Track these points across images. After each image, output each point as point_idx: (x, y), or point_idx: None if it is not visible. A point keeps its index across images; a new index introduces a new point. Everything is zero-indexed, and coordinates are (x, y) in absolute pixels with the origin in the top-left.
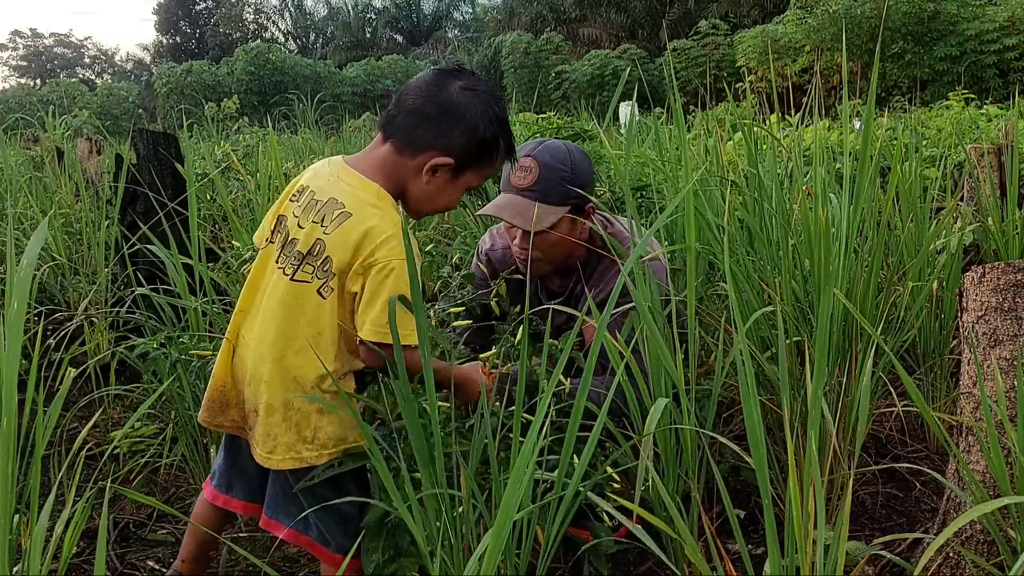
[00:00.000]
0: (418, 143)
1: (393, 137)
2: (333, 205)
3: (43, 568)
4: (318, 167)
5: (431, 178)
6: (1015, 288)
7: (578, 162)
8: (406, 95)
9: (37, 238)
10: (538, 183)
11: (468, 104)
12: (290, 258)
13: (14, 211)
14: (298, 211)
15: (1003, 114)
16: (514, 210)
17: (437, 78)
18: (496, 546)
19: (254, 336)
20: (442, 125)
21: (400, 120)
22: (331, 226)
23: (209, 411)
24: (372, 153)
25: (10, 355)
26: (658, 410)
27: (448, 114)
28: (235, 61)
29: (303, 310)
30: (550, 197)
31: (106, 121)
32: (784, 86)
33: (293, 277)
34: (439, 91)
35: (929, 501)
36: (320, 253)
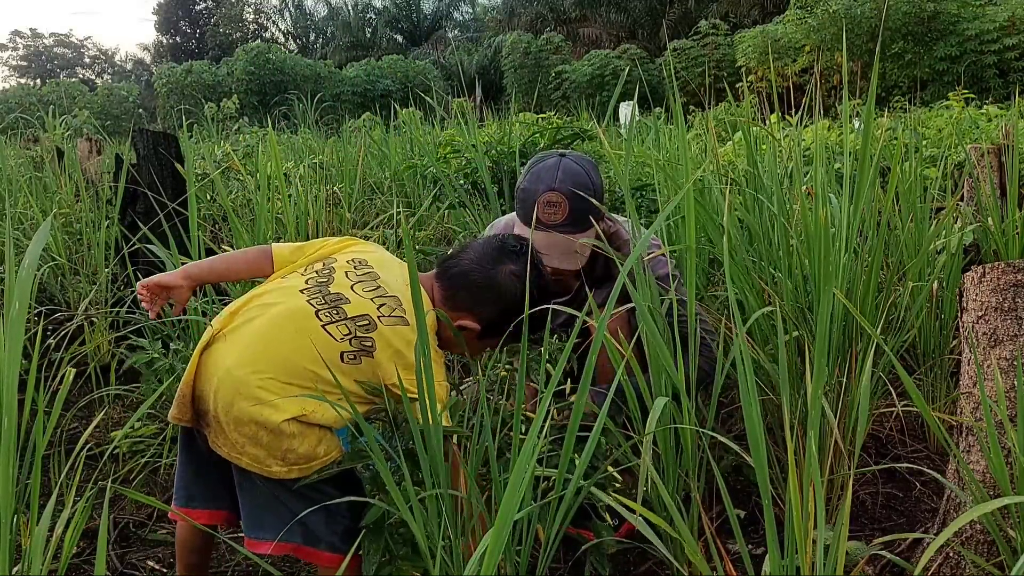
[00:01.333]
0: (457, 303)
1: (443, 283)
2: (397, 303)
3: (43, 568)
4: (388, 261)
5: (451, 330)
6: (1015, 288)
7: (595, 180)
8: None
9: (40, 238)
10: (569, 216)
11: (511, 290)
12: (328, 307)
13: (14, 211)
14: (353, 275)
15: (1003, 114)
16: (557, 251)
17: (496, 254)
18: (496, 546)
19: (244, 346)
20: (481, 296)
21: (453, 273)
22: (390, 319)
23: (177, 406)
24: (435, 286)
25: (10, 355)
26: (658, 410)
27: (490, 290)
28: (235, 61)
29: (317, 357)
30: (581, 225)
31: (106, 121)
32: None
33: (325, 326)
34: (492, 267)
35: (929, 501)
36: (366, 327)
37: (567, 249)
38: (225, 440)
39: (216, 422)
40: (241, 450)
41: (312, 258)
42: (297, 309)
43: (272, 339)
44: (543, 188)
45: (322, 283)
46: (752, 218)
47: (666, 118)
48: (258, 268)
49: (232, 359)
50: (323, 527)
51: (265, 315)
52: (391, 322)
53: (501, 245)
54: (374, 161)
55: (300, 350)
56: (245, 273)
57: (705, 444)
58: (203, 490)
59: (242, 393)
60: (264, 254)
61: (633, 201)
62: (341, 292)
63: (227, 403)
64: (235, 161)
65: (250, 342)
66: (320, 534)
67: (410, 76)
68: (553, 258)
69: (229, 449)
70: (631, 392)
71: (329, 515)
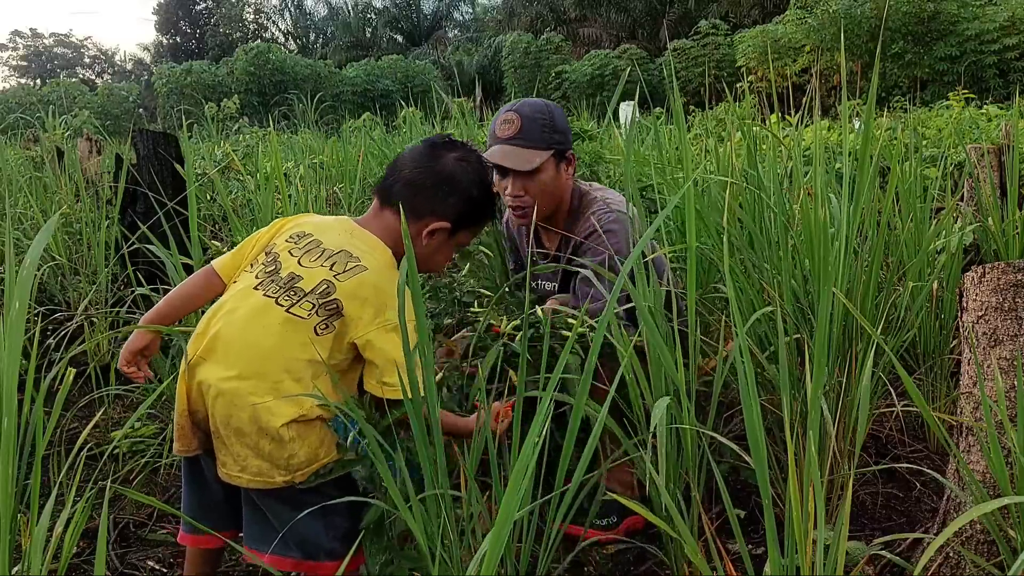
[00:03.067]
0: (417, 211)
1: (392, 205)
2: (347, 256)
3: (43, 568)
4: (324, 222)
5: (429, 240)
6: (1015, 288)
7: (556, 112)
8: (402, 167)
9: (41, 237)
10: (520, 132)
11: (462, 173)
12: (284, 291)
13: (14, 211)
14: (296, 251)
15: (1003, 114)
16: (502, 154)
17: (431, 151)
18: (496, 546)
19: (223, 357)
20: (439, 194)
21: (398, 190)
22: (345, 275)
23: (178, 439)
24: (376, 219)
25: (10, 355)
26: (659, 410)
27: (444, 183)
28: (235, 61)
29: (294, 342)
30: (533, 142)
31: (106, 121)
32: (784, 86)
33: (289, 310)
34: (435, 163)
35: (929, 501)
36: (327, 294)
37: (512, 154)
38: (228, 455)
39: (217, 438)
40: (244, 464)
41: (253, 253)
42: (257, 306)
43: (246, 343)
44: (503, 111)
45: (271, 272)
46: (752, 218)
47: (666, 118)
48: (210, 289)
49: (217, 374)
50: (323, 537)
51: (231, 323)
52: (348, 276)
53: (430, 142)
54: (374, 161)
55: (276, 344)
56: (201, 299)
57: (705, 444)
58: (211, 514)
59: (236, 404)
60: (207, 273)
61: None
62: (292, 271)
63: (225, 416)
64: (235, 161)
65: (227, 352)
66: (320, 544)
67: (410, 76)
68: (495, 157)
69: (232, 465)
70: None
71: (327, 522)
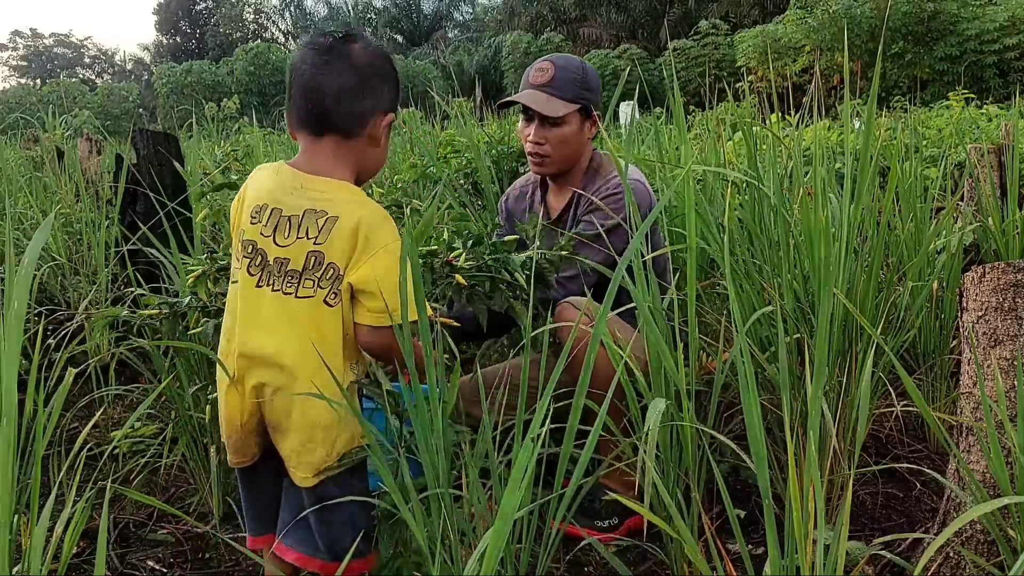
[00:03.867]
0: (361, 117)
1: (331, 128)
2: (312, 215)
3: (43, 568)
4: (265, 182)
5: (380, 140)
6: (1015, 288)
7: (589, 71)
8: (317, 86)
9: (40, 237)
10: (553, 81)
11: (376, 58)
12: (283, 278)
13: (14, 211)
14: (266, 230)
15: (1003, 114)
16: (532, 99)
17: (335, 54)
18: (496, 544)
19: (266, 363)
20: (372, 88)
21: (331, 107)
22: (322, 235)
23: (234, 452)
24: (319, 152)
25: (10, 355)
26: (658, 409)
27: (371, 77)
28: (235, 61)
29: (315, 323)
30: (563, 93)
31: (106, 121)
32: (784, 86)
33: (297, 295)
34: (349, 62)
35: (929, 501)
36: (320, 264)
37: (541, 99)
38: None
39: (283, 432)
40: (306, 458)
41: (235, 237)
42: (269, 302)
43: (277, 343)
44: (539, 60)
45: (260, 264)
46: (752, 218)
47: (666, 118)
48: None
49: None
50: (348, 536)
51: (256, 327)
52: (326, 234)
53: (324, 48)
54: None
55: (301, 333)
56: None
57: (705, 444)
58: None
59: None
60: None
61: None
62: (276, 256)
63: (278, 420)
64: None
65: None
66: (347, 543)
67: (410, 76)
68: (524, 98)
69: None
70: (627, 385)
71: (352, 522)
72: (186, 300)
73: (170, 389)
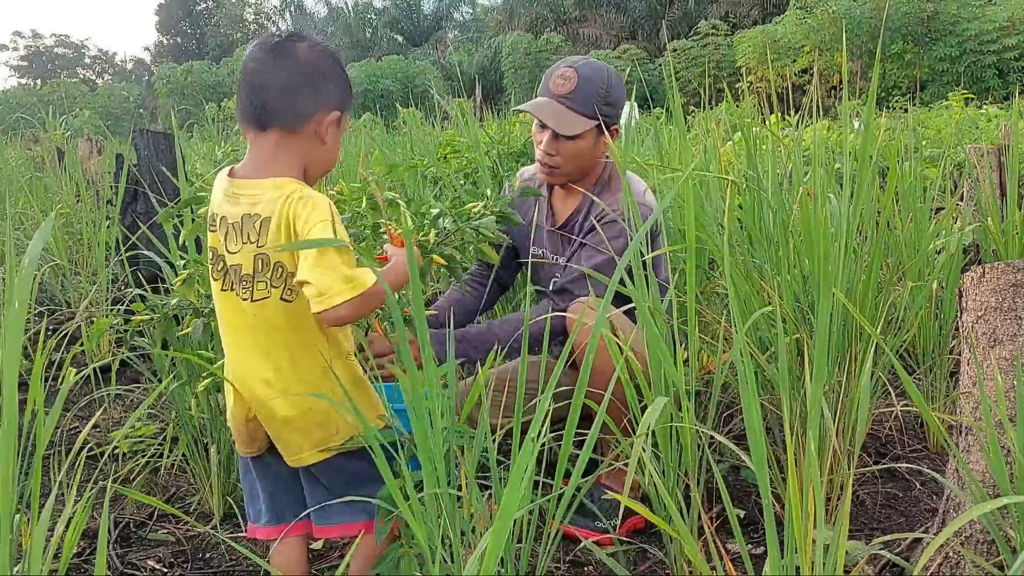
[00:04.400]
0: (305, 113)
1: (273, 123)
2: (251, 220)
3: (43, 568)
4: (215, 191)
5: (325, 136)
6: (1015, 288)
7: (614, 83)
8: (260, 83)
9: (40, 237)
10: (574, 92)
11: (323, 58)
12: (242, 283)
13: (14, 211)
14: (222, 238)
15: (1003, 114)
16: (549, 111)
17: (279, 52)
18: (497, 543)
19: (246, 366)
20: (317, 86)
21: (274, 105)
22: (262, 237)
23: (241, 444)
24: (259, 151)
25: (10, 355)
26: (657, 409)
27: (315, 75)
28: (235, 61)
29: (277, 322)
30: (583, 107)
31: (107, 121)
32: (784, 86)
33: (253, 299)
34: (293, 61)
35: (929, 501)
36: (267, 265)
37: (559, 113)
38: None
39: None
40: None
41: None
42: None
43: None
44: (564, 64)
45: (223, 269)
46: (752, 218)
47: (666, 118)
48: None
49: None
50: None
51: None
52: (264, 234)
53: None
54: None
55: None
56: None
57: (705, 443)
58: (288, 506)
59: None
60: None
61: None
62: (231, 263)
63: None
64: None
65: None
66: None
67: (410, 76)
68: (541, 111)
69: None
70: (629, 386)
71: (373, 476)
72: (173, 302)
73: (168, 388)
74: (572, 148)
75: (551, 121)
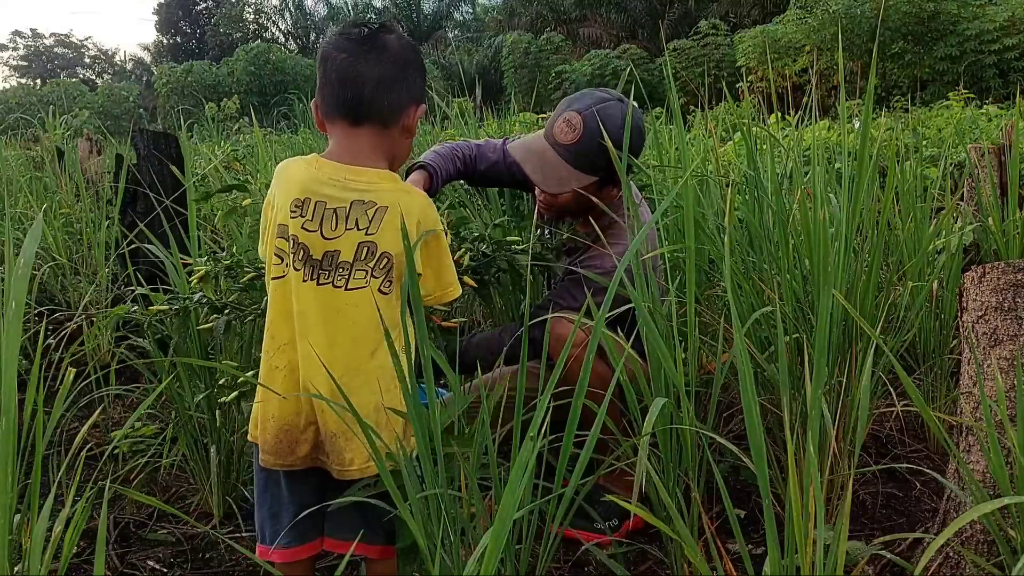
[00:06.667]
0: (397, 107)
1: (369, 117)
2: (362, 207)
3: (43, 568)
4: (300, 175)
5: (413, 130)
6: (1015, 288)
7: (634, 136)
8: (356, 72)
9: (33, 235)
10: (576, 146)
11: (410, 50)
12: (332, 271)
13: (14, 211)
14: (311, 224)
15: (1003, 114)
16: (541, 162)
17: (373, 44)
18: (496, 546)
19: (317, 361)
20: (408, 79)
21: (370, 97)
22: (373, 225)
23: (277, 454)
24: (356, 141)
25: (9, 355)
26: (657, 409)
27: (407, 68)
28: (235, 61)
29: (368, 314)
30: (581, 163)
31: (106, 121)
32: (784, 86)
33: (348, 287)
34: (387, 53)
35: (929, 501)
36: (373, 254)
37: (551, 169)
38: (355, 450)
39: (342, 435)
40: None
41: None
42: (321, 297)
43: (332, 339)
44: (577, 107)
45: (305, 258)
46: (752, 218)
47: (666, 118)
48: None
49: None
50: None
51: (309, 325)
52: (376, 224)
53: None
54: None
55: (354, 323)
56: None
57: (705, 444)
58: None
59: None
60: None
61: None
62: (324, 249)
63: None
64: (236, 162)
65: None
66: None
67: None
68: (531, 162)
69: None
70: (629, 389)
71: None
72: (196, 296)
73: (170, 388)
74: (565, 199)
75: (536, 177)
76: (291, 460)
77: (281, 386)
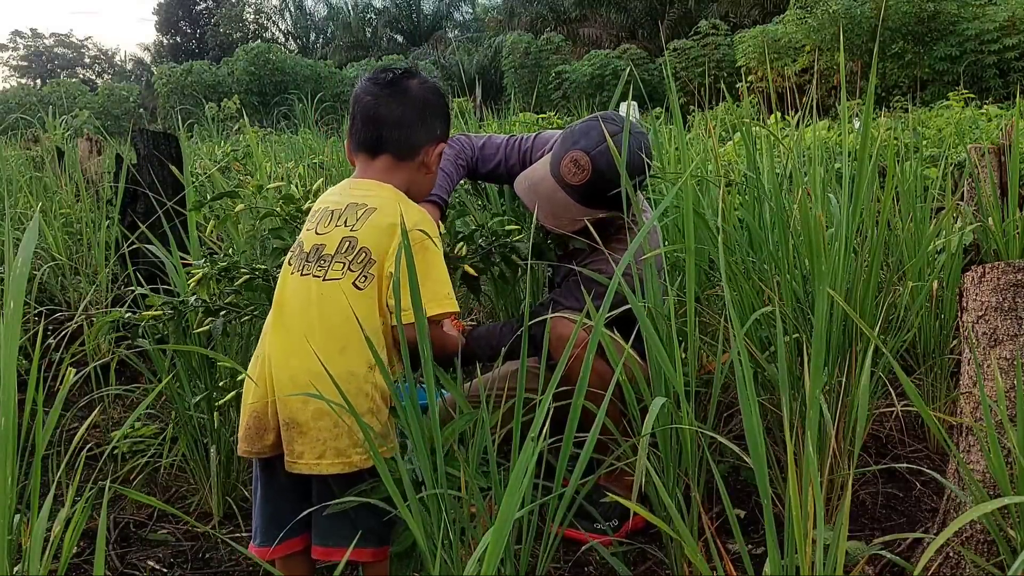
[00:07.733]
0: (415, 144)
1: (386, 151)
2: (354, 208)
3: (43, 568)
4: (330, 192)
5: (431, 167)
6: (1015, 288)
7: (634, 165)
8: (378, 114)
9: (31, 233)
10: (585, 186)
11: (432, 94)
12: (315, 263)
13: (14, 211)
14: (310, 226)
15: (1003, 114)
16: (551, 204)
17: (395, 87)
18: (497, 546)
19: (286, 349)
20: (426, 121)
21: (387, 134)
22: (359, 223)
23: (248, 440)
24: (372, 168)
25: (8, 355)
26: (656, 409)
27: (425, 111)
28: (235, 61)
29: (340, 306)
30: (592, 201)
31: (106, 121)
32: (784, 86)
33: (325, 278)
34: (408, 97)
35: (929, 501)
36: (352, 248)
37: (558, 208)
38: (305, 443)
39: (293, 428)
40: (323, 448)
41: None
42: (299, 287)
43: (308, 327)
44: (583, 145)
45: (298, 254)
46: (752, 218)
47: (665, 118)
48: None
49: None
50: (376, 522)
51: (288, 313)
52: (362, 222)
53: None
54: None
55: (326, 315)
56: None
57: (705, 444)
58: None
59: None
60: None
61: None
62: (313, 243)
63: (302, 402)
64: (236, 162)
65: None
66: (386, 534)
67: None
68: (548, 215)
69: (311, 456)
70: (628, 389)
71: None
72: (191, 299)
73: (170, 388)
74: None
75: (549, 222)
76: (259, 447)
77: (257, 374)
